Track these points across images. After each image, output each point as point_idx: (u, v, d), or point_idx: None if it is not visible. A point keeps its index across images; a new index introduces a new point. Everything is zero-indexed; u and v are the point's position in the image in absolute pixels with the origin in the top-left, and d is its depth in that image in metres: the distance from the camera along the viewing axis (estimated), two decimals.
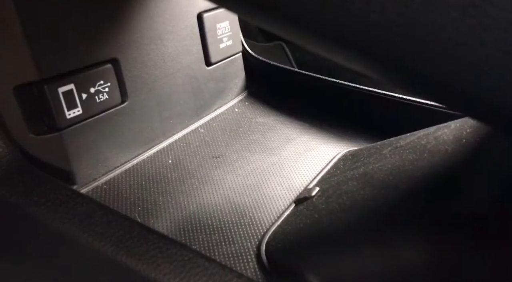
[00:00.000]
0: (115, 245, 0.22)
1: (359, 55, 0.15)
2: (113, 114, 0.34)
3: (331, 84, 0.49)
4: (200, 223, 0.31)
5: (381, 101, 0.46)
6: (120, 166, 0.35)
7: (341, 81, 0.48)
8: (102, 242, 0.22)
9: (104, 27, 0.32)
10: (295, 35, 0.16)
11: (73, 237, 0.23)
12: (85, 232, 0.23)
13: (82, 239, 0.23)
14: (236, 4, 0.17)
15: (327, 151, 0.42)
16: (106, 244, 0.22)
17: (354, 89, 0.47)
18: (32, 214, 0.24)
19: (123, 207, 0.31)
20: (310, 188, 0.34)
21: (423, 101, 0.43)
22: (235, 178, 0.36)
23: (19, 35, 0.26)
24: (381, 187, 0.27)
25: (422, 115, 0.44)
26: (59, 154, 0.30)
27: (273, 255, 0.27)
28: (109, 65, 0.33)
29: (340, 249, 0.24)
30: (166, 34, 0.38)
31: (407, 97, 0.45)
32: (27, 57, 0.27)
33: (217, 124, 0.45)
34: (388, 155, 0.33)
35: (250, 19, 0.18)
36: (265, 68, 0.53)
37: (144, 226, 0.23)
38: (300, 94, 0.52)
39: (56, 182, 0.26)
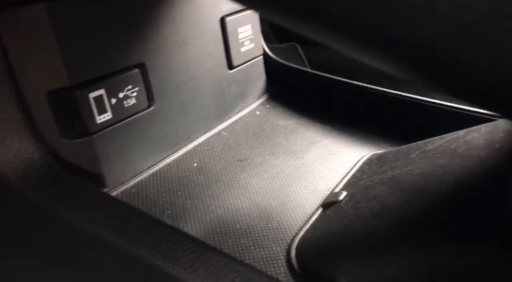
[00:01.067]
0: (151, 250, 0.22)
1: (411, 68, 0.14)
2: (140, 118, 0.34)
3: (353, 87, 0.49)
4: (229, 226, 0.31)
5: (404, 104, 0.45)
6: (147, 169, 0.36)
7: (363, 84, 0.48)
8: (138, 246, 0.22)
9: (131, 33, 0.32)
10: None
11: (109, 241, 0.23)
12: (120, 236, 0.23)
13: (118, 243, 0.23)
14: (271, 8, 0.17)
15: (351, 154, 0.41)
16: (141, 248, 0.22)
17: (377, 92, 0.47)
18: (66, 218, 0.24)
19: (152, 211, 0.31)
20: (337, 192, 0.34)
21: (446, 104, 0.43)
22: (261, 181, 0.36)
23: (52, 43, 0.26)
24: (412, 192, 0.27)
25: (445, 118, 0.43)
26: (90, 157, 0.31)
27: (304, 260, 0.27)
28: (136, 70, 0.33)
29: (372, 255, 0.24)
30: (191, 39, 0.39)
31: (430, 100, 0.44)
32: (60, 64, 0.27)
33: (240, 128, 0.46)
34: (416, 159, 0.33)
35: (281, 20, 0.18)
36: (286, 70, 0.53)
37: (178, 230, 0.23)
38: (321, 96, 0.51)
39: (89, 186, 0.27)
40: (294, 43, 0.90)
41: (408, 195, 0.27)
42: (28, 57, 0.26)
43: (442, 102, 0.43)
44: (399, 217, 0.25)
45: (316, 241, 0.28)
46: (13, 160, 0.26)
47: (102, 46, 0.30)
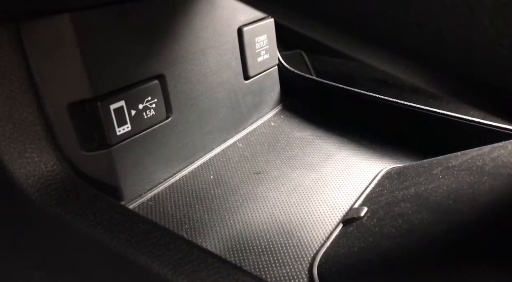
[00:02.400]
0: (175, 268, 0.21)
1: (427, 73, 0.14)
2: (158, 130, 0.34)
3: (369, 98, 0.48)
4: (248, 242, 0.30)
5: (421, 117, 0.45)
6: (164, 182, 0.35)
7: (379, 96, 0.47)
8: (162, 264, 0.22)
9: (152, 44, 0.32)
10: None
11: (131, 258, 0.22)
12: (143, 253, 0.22)
13: (140, 261, 0.22)
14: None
15: (369, 168, 0.41)
16: (165, 266, 0.22)
17: (394, 104, 0.46)
18: (88, 233, 0.24)
19: (171, 225, 0.31)
20: (357, 208, 0.33)
21: (465, 117, 0.42)
22: (279, 195, 0.36)
23: (75, 54, 0.26)
24: (441, 212, 0.26)
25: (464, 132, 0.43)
26: (108, 170, 0.30)
27: (327, 279, 0.26)
28: (156, 81, 0.32)
29: (401, 276, 0.24)
30: (209, 49, 0.38)
31: (449, 113, 0.43)
32: (82, 75, 0.27)
33: (255, 139, 0.45)
34: (440, 176, 0.32)
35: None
36: (300, 81, 0.53)
37: (202, 248, 0.22)
38: (336, 108, 0.51)
39: (109, 199, 0.26)
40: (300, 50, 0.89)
41: (436, 214, 0.26)
42: (50, 69, 0.26)
43: (461, 116, 0.43)
44: (428, 238, 0.24)
45: (339, 260, 0.27)
46: (33, 172, 0.26)
47: (123, 57, 0.30)
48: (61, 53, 0.26)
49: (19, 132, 0.25)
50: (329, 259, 0.28)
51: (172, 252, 0.22)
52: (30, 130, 0.26)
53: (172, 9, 0.33)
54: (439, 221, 0.25)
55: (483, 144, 0.34)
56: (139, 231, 0.23)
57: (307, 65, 0.91)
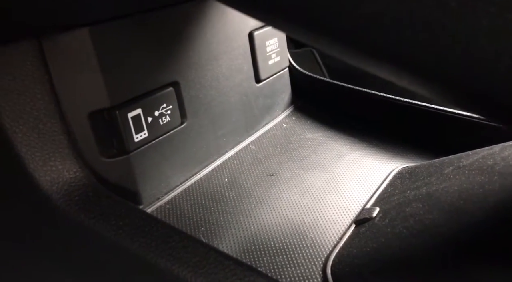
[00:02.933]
0: (194, 271, 0.22)
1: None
2: (173, 135, 0.35)
3: (379, 98, 0.48)
4: (263, 244, 0.31)
5: (432, 116, 0.45)
6: (180, 185, 0.36)
7: (390, 95, 0.48)
8: (181, 267, 0.23)
9: (166, 52, 0.33)
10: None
11: (151, 261, 0.23)
12: (163, 256, 0.23)
13: (160, 264, 0.23)
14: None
15: (380, 168, 0.41)
16: (184, 269, 0.23)
17: (404, 103, 0.46)
18: (110, 238, 0.25)
19: (188, 227, 0.32)
20: (369, 208, 0.34)
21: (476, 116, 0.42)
22: (291, 196, 0.36)
23: (94, 66, 0.27)
24: (452, 212, 0.26)
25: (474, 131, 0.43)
26: (127, 175, 0.31)
27: (341, 279, 0.27)
28: (171, 88, 0.34)
29: (413, 276, 0.24)
30: (221, 54, 0.39)
31: (460, 112, 0.44)
32: (101, 86, 0.28)
33: (267, 141, 0.46)
34: (451, 175, 0.32)
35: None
36: (311, 82, 0.53)
37: (219, 251, 0.23)
38: (347, 108, 0.51)
39: (129, 204, 0.27)
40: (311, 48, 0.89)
41: (447, 214, 0.26)
42: (71, 80, 0.27)
43: (472, 115, 0.43)
44: (440, 238, 0.25)
45: (352, 260, 0.28)
46: (57, 180, 0.27)
47: (139, 66, 0.31)
48: (81, 65, 0.27)
49: (43, 141, 0.26)
50: (343, 259, 0.29)
51: (190, 255, 0.23)
52: (54, 139, 0.27)
53: (185, 18, 0.34)
54: (450, 221, 0.25)
55: (494, 142, 0.34)
56: (158, 235, 0.24)
57: (318, 63, 0.91)
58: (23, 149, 0.26)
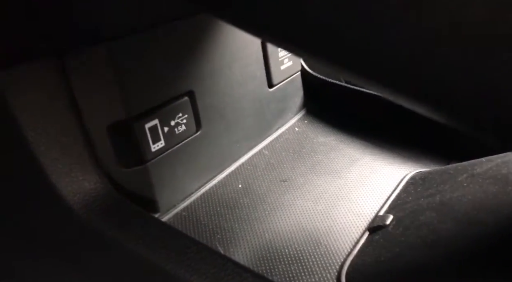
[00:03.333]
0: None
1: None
2: (188, 143, 0.35)
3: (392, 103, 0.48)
4: (277, 251, 0.31)
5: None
6: (195, 192, 0.37)
7: None
8: (200, 278, 0.23)
9: (181, 63, 0.33)
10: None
11: (171, 272, 0.24)
12: (182, 267, 0.24)
13: (179, 274, 0.24)
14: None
15: (393, 173, 0.41)
16: (203, 280, 0.23)
17: None
18: (131, 248, 0.26)
19: (204, 235, 0.32)
20: (383, 215, 0.34)
21: None
22: (305, 203, 0.37)
23: (112, 81, 0.28)
24: (465, 222, 0.27)
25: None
26: (145, 183, 0.32)
27: None
28: (186, 98, 0.34)
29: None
30: (234, 62, 0.40)
31: None
32: (119, 99, 0.29)
33: (280, 145, 0.46)
34: (465, 184, 0.32)
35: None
36: (324, 85, 0.54)
37: (236, 263, 0.24)
38: (359, 111, 0.51)
39: (148, 215, 0.28)
40: None
41: (461, 225, 0.27)
42: (91, 94, 0.28)
43: None
44: (454, 249, 0.25)
45: (366, 269, 0.28)
46: (78, 190, 0.28)
47: (155, 78, 0.31)
48: (100, 79, 0.28)
49: (65, 154, 0.27)
50: (357, 268, 0.29)
51: (208, 266, 0.24)
52: (75, 151, 0.28)
53: (198, 28, 0.35)
54: (464, 232, 0.26)
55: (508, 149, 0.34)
56: (177, 246, 0.25)
57: None
58: (46, 161, 0.27)
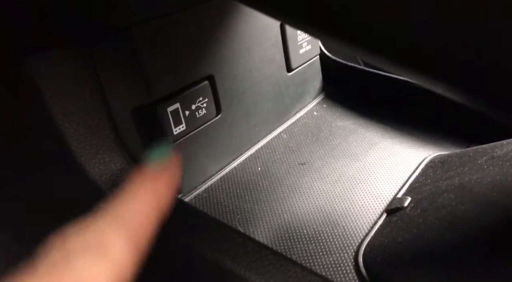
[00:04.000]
0: (233, 259, 0.24)
1: None
2: (209, 127, 0.36)
3: (411, 85, 0.48)
4: (296, 232, 0.32)
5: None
6: (216, 174, 0.38)
7: None
8: (221, 255, 0.24)
9: (201, 48, 0.34)
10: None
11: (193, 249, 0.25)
12: (204, 245, 0.25)
13: (201, 252, 0.25)
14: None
15: (412, 156, 0.41)
16: (224, 257, 0.24)
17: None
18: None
19: (224, 215, 0.33)
20: (401, 198, 0.34)
21: None
22: (323, 185, 0.37)
23: (137, 66, 0.29)
24: (484, 204, 0.27)
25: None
26: None
27: (372, 268, 0.28)
28: (206, 82, 0.35)
29: (444, 268, 0.25)
30: (253, 46, 0.40)
31: None
32: (142, 84, 0.29)
33: (299, 129, 0.47)
34: (485, 166, 0.32)
35: None
36: (342, 69, 0.53)
37: (255, 241, 0.25)
38: (378, 95, 0.51)
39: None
40: None
41: (480, 207, 0.27)
42: (116, 79, 0.29)
43: None
44: (472, 231, 0.25)
45: (384, 250, 0.29)
46: (105, 171, 0.29)
47: (177, 62, 0.32)
48: (124, 65, 0.29)
49: (92, 136, 0.29)
50: (374, 249, 0.30)
51: (229, 244, 0.25)
52: (101, 134, 0.29)
53: (218, 12, 0.35)
54: (482, 214, 0.26)
55: None
56: (199, 225, 0.26)
57: None
58: (74, 143, 0.28)
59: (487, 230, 0.25)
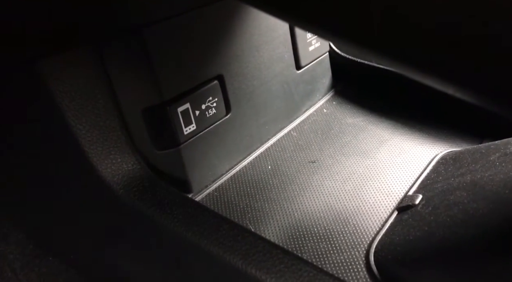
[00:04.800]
0: (244, 258, 0.24)
1: None
2: (219, 126, 0.36)
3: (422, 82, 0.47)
4: (306, 230, 0.32)
5: None
6: (226, 173, 0.38)
7: None
8: (232, 254, 0.24)
9: (211, 48, 0.34)
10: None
11: (204, 248, 0.26)
12: (215, 244, 0.25)
13: (213, 250, 0.25)
14: None
15: (423, 153, 0.41)
16: (235, 256, 0.24)
17: None
18: (167, 226, 0.27)
19: (235, 214, 0.34)
20: (412, 195, 0.34)
21: None
22: (334, 183, 0.37)
23: (147, 66, 0.29)
24: (497, 202, 0.26)
25: None
26: (178, 165, 0.33)
27: (383, 266, 0.28)
28: (216, 81, 0.35)
29: (456, 266, 0.25)
30: (262, 45, 0.40)
31: None
32: (153, 84, 0.30)
33: (308, 127, 0.47)
34: (497, 163, 0.32)
35: None
36: (352, 65, 0.53)
37: (266, 240, 0.25)
38: (388, 92, 0.51)
39: (182, 195, 0.29)
40: None
41: (492, 204, 0.27)
42: (127, 80, 0.29)
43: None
44: (483, 228, 0.25)
45: (395, 248, 0.29)
46: (117, 171, 0.29)
47: (187, 63, 0.32)
48: (135, 66, 0.29)
49: (104, 137, 0.29)
50: (385, 247, 0.29)
51: (240, 243, 0.25)
52: (113, 135, 0.29)
53: (227, 12, 0.35)
54: (495, 212, 0.26)
55: None
56: (210, 224, 0.26)
57: None
58: (86, 144, 0.28)
59: (499, 228, 0.24)
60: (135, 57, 0.29)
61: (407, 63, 0.15)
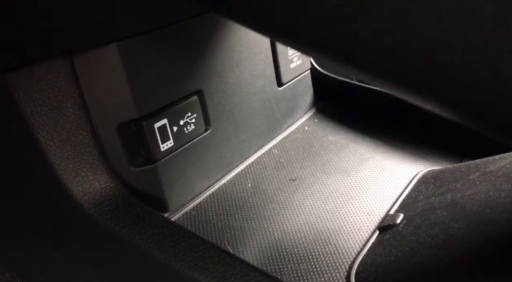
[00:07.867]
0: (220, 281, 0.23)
1: None
2: (198, 142, 0.36)
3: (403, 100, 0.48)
4: (286, 251, 0.31)
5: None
6: (205, 191, 0.37)
7: None
8: (208, 277, 0.23)
9: (190, 63, 0.34)
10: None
11: (179, 270, 0.24)
12: (190, 266, 0.24)
13: (188, 273, 0.24)
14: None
15: (404, 171, 0.41)
16: (211, 279, 0.23)
17: None
18: (140, 247, 0.26)
19: (213, 234, 0.33)
20: (393, 215, 0.34)
21: None
22: (314, 202, 0.37)
23: (122, 79, 0.28)
24: (478, 222, 0.26)
25: None
26: (154, 183, 0.32)
27: None
28: (195, 97, 0.34)
29: None
30: (243, 61, 0.40)
31: None
32: (129, 99, 0.29)
33: (290, 144, 0.46)
34: (477, 182, 0.32)
35: None
36: (333, 83, 0.53)
37: (244, 262, 0.24)
38: (369, 110, 0.51)
39: (158, 214, 0.28)
40: None
41: (473, 224, 0.26)
42: (101, 94, 0.28)
43: None
44: (465, 249, 0.25)
45: (377, 269, 0.28)
46: (88, 190, 0.28)
47: (165, 77, 0.31)
48: (109, 79, 0.28)
49: (75, 153, 0.28)
50: (366, 268, 0.29)
51: (217, 265, 0.24)
52: (85, 151, 0.28)
53: (207, 27, 0.35)
54: (476, 232, 0.25)
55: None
56: (186, 245, 0.25)
57: None
58: (56, 161, 0.27)
59: (480, 248, 0.24)
60: (110, 70, 0.28)
61: (384, 77, 0.15)
